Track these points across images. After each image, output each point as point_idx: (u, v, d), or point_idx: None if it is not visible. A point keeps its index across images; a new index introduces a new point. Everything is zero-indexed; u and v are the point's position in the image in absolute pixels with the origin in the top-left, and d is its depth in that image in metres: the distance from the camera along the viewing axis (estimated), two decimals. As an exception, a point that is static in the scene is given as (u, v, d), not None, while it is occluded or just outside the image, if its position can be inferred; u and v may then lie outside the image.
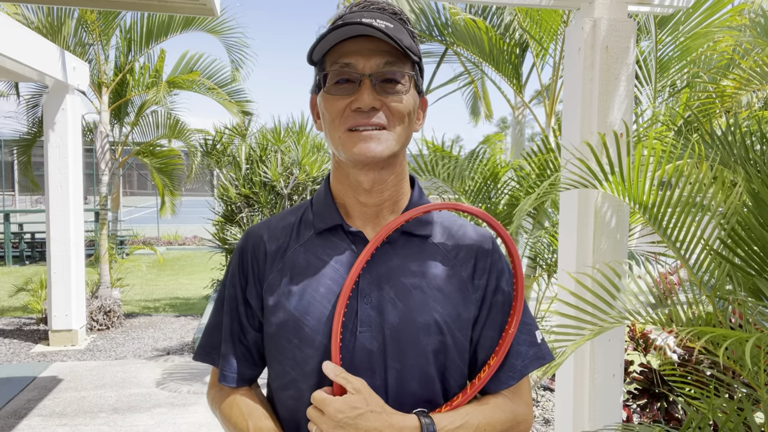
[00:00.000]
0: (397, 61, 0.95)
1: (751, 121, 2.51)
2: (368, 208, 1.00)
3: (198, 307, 7.65)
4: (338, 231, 1.01)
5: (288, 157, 6.83)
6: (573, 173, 2.16)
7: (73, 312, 5.78)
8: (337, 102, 0.95)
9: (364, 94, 0.92)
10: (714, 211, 1.93)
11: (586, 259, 2.39)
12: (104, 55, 6.64)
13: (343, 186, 1.01)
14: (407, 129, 0.98)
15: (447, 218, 1.07)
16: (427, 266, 0.99)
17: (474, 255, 1.03)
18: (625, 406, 3.23)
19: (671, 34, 3.33)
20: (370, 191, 0.99)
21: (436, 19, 4.23)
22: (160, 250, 10.13)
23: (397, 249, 0.99)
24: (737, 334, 1.49)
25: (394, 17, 0.97)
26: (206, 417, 4.14)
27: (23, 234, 12.13)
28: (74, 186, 5.77)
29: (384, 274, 0.97)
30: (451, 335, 0.97)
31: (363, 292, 0.96)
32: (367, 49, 0.93)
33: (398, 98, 0.95)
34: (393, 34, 0.91)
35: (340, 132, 0.95)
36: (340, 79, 0.94)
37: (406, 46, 0.92)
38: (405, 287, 0.96)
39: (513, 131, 5.68)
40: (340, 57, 0.94)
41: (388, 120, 0.95)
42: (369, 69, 0.93)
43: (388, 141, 0.95)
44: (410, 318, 0.95)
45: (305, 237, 1.02)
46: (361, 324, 0.95)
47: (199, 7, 3.24)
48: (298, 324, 0.96)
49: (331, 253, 0.99)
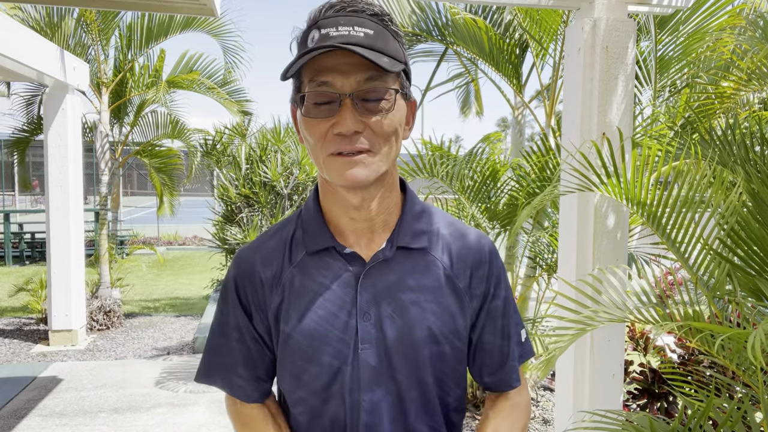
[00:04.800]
0: (380, 74, 0.87)
1: (750, 122, 2.51)
2: (360, 224, 0.97)
3: (198, 307, 7.65)
4: (331, 251, 0.98)
5: (288, 157, 6.83)
6: (572, 176, 2.16)
7: (73, 312, 5.78)
8: (318, 125, 0.88)
9: (345, 117, 0.86)
10: (713, 211, 1.93)
11: (586, 259, 2.39)
12: (104, 55, 6.64)
13: (331, 203, 0.98)
14: (395, 145, 0.93)
15: (444, 223, 1.04)
16: (423, 280, 0.98)
17: (471, 264, 1.02)
18: (625, 406, 3.23)
19: (671, 34, 3.33)
20: (360, 208, 0.95)
21: (436, 18, 4.23)
22: (160, 250, 10.13)
23: (394, 265, 0.97)
24: (731, 330, 1.50)
25: (374, 19, 0.88)
26: (206, 417, 4.14)
27: (23, 234, 12.13)
28: (74, 186, 5.77)
29: (381, 291, 0.96)
30: (449, 344, 0.98)
31: (362, 311, 0.95)
32: (345, 63, 0.86)
33: (382, 118, 0.88)
34: (373, 44, 0.84)
35: (323, 156, 0.90)
36: (318, 100, 0.87)
37: (389, 57, 0.85)
38: (402, 303, 0.96)
39: (513, 131, 5.68)
40: (317, 74, 0.87)
41: (373, 142, 0.89)
42: (349, 87, 0.86)
43: (374, 164, 0.90)
44: (408, 333, 0.96)
45: (298, 257, 0.99)
46: (362, 341, 0.95)
47: (199, 8, 3.24)
48: (302, 347, 0.96)
49: (327, 273, 0.97)
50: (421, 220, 1.01)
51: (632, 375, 3.40)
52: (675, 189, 1.99)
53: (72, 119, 5.72)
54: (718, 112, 2.72)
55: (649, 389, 3.27)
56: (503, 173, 3.90)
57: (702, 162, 2.01)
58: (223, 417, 4.15)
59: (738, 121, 2.36)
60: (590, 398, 2.43)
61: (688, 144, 2.22)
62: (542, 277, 4.04)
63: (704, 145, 2.26)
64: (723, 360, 1.70)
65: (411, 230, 0.99)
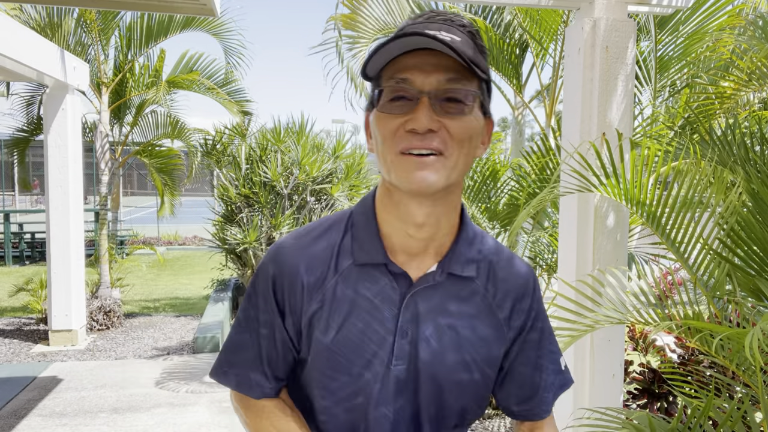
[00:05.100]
0: (462, 78, 0.84)
1: (750, 121, 2.51)
2: (416, 243, 0.93)
3: (198, 307, 7.65)
4: (380, 266, 0.95)
5: (288, 157, 6.83)
6: (572, 176, 2.16)
7: (73, 312, 5.78)
8: (391, 121, 0.85)
9: (420, 113, 0.83)
10: (713, 211, 1.93)
11: (586, 259, 2.39)
12: (104, 55, 6.64)
13: (391, 216, 0.93)
14: (468, 155, 0.88)
15: (491, 251, 1.02)
16: (465, 306, 0.97)
17: (513, 296, 1.01)
18: (625, 406, 3.23)
19: (671, 34, 3.33)
20: (422, 226, 0.91)
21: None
22: (160, 250, 10.13)
23: (438, 288, 0.96)
24: (730, 330, 1.50)
25: (462, 29, 0.87)
26: (206, 417, 4.14)
27: (23, 234, 12.13)
28: (74, 186, 5.77)
29: (422, 312, 0.95)
30: (480, 372, 0.98)
31: (401, 329, 0.94)
32: (428, 63, 0.83)
33: (460, 120, 0.85)
34: (458, 47, 0.81)
35: (392, 154, 0.86)
36: (395, 96, 0.85)
37: (471, 61, 0.82)
38: (440, 327, 0.95)
39: (513, 131, 5.68)
40: (397, 72, 0.85)
41: (447, 144, 0.84)
42: (428, 86, 0.83)
43: (444, 169, 0.85)
44: (441, 357, 0.95)
45: (343, 266, 0.95)
46: (396, 358, 0.94)
47: (199, 7, 3.24)
48: (336, 357, 0.94)
49: (371, 287, 0.94)
50: (473, 248, 0.99)
51: (632, 375, 3.40)
52: (675, 189, 1.99)
53: (72, 119, 5.72)
54: (718, 112, 2.72)
55: (649, 389, 3.27)
56: (503, 173, 3.90)
57: (702, 162, 2.01)
58: (222, 417, 4.15)
59: (738, 121, 2.36)
60: (590, 398, 2.43)
61: (688, 144, 2.22)
62: (542, 277, 4.04)
63: (704, 145, 2.26)
64: (723, 360, 1.70)
65: (463, 258, 0.97)
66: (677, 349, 3.45)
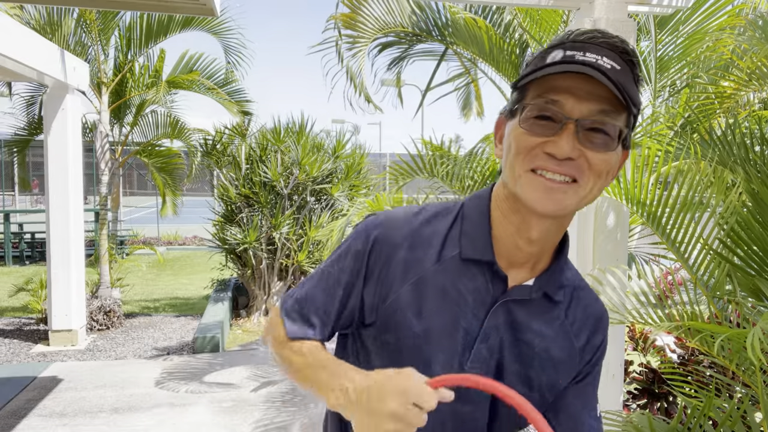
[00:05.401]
0: (613, 111, 0.81)
1: (750, 121, 2.51)
2: (521, 255, 0.93)
3: (198, 307, 7.65)
4: (483, 264, 0.94)
5: (288, 157, 6.83)
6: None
7: (73, 312, 5.78)
8: (530, 138, 0.83)
9: (563, 141, 0.80)
10: (713, 211, 1.93)
11: (587, 259, 2.39)
12: (104, 55, 6.64)
13: (506, 222, 0.92)
14: (599, 187, 0.85)
15: (575, 279, 1.02)
16: (545, 328, 0.97)
17: (589, 330, 1.01)
18: (625, 406, 3.23)
19: (671, 34, 3.33)
20: (533, 242, 0.90)
21: (436, 18, 4.23)
22: (160, 250, 10.12)
23: (528, 304, 0.95)
24: (731, 330, 1.50)
25: (624, 57, 0.82)
26: (206, 417, 4.14)
27: (23, 234, 12.12)
28: (74, 186, 5.77)
29: (506, 323, 0.95)
30: (540, 394, 0.98)
31: (485, 333, 0.94)
32: (582, 89, 0.80)
33: (602, 153, 0.82)
34: (617, 79, 0.78)
35: (522, 170, 0.84)
36: (540, 114, 0.82)
37: (628, 95, 0.79)
38: (518, 342, 0.95)
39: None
40: (548, 91, 0.81)
41: (583, 173, 0.82)
42: (578, 113, 0.80)
43: (576, 197, 0.83)
44: (511, 368, 0.96)
45: (447, 257, 0.94)
46: (472, 361, 0.94)
47: (199, 7, 3.24)
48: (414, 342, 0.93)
49: (468, 283, 0.93)
50: (565, 273, 0.99)
51: (632, 375, 3.40)
52: (675, 189, 1.99)
53: (72, 119, 5.72)
54: (718, 112, 2.72)
55: (649, 389, 3.27)
56: (503, 173, 3.90)
57: (702, 162, 2.01)
58: (222, 417, 4.15)
59: (738, 121, 2.36)
60: (590, 398, 2.43)
61: (688, 144, 2.23)
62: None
63: (704, 145, 2.26)
64: (723, 360, 1.70)
65: (558, 281, 0.97)
66: (677, 349, 3.45)
